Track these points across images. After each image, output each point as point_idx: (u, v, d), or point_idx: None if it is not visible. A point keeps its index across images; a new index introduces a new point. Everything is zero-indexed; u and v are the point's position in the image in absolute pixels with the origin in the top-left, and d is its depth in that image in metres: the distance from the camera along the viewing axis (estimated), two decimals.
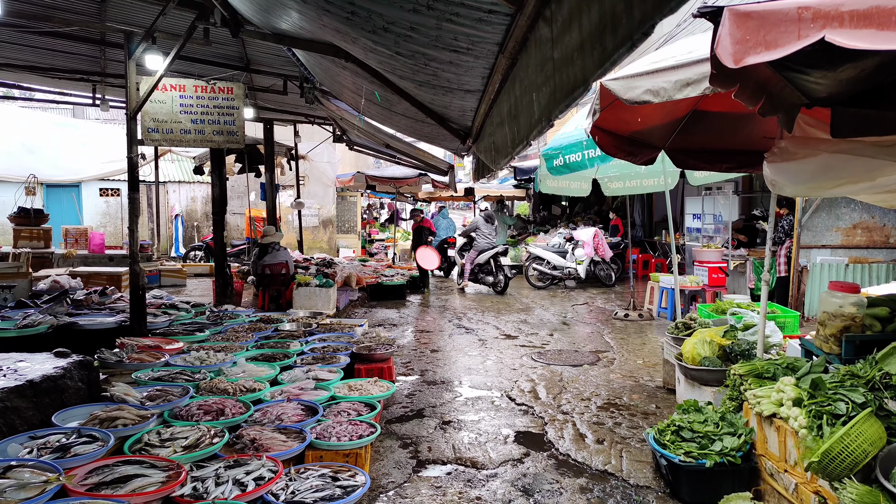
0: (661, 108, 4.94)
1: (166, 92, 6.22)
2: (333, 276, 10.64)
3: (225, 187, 9.09)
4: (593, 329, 9.07)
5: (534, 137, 2.67)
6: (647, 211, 16.73)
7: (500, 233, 17.19)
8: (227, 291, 9.13)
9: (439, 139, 8.35)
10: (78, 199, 14.36)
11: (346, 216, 19.44)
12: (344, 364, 5.74)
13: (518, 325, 9.39)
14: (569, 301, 12.05)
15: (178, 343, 5.78)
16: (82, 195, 14.94)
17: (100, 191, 15.28)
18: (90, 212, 15.23)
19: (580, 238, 14.08)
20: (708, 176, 7.16)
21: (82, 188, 14.90)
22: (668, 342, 5.46)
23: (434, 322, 9.78)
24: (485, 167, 7.58)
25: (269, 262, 9.25)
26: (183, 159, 15.32)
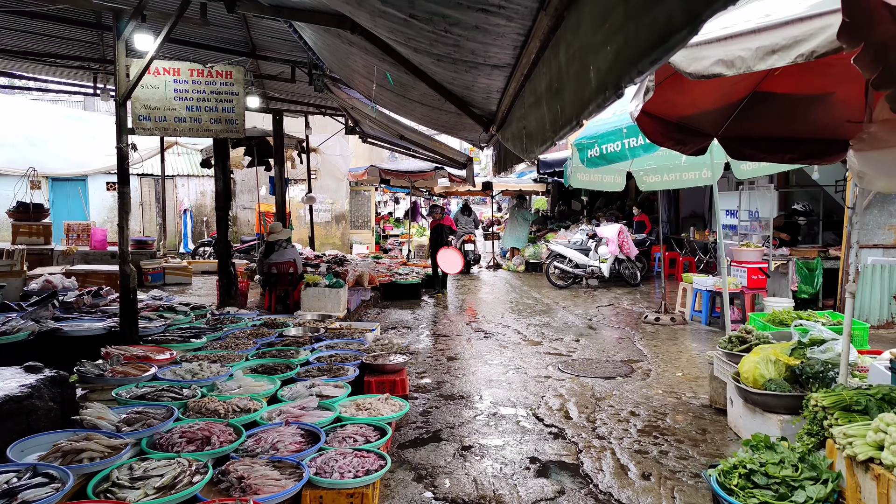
0: (716, 89, 4.28)
1: (159, 76, 5.66)
2: (345, 275, 10.08)
3: (229, 181, 8.56)
4: (622, 334, 8.41)
5: (589, 115, 2.05)
6: (673, 206, 15.97)
7: (520, 228, 16.55)
8: (232, 292, 8.61)
9: (458, 129, 7.73)
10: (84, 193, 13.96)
11: (360, 211, 18.90)
12: (352, 377, 5.17)
13: (541, 329, 8.76)
14: (593, 302, 11.39)
15: (170, 352, 5.24)
16: (89, 189, 14.51)
17: (107, 184, 14.83)
18: (97, 206, 14.80)
19: (604, 235, 13.40)
20: (756, 168, 6.46)
21: (89, 182, 14.48)
22: (719, 357, 4.81)
23: (451, 325, 9.19)
24: (509, 158, 6.96)
25: (275, 261, 8.71)
26: (191, 152, 14.86)
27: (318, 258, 12.96)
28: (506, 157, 7.49)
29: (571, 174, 6.70)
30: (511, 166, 7.27)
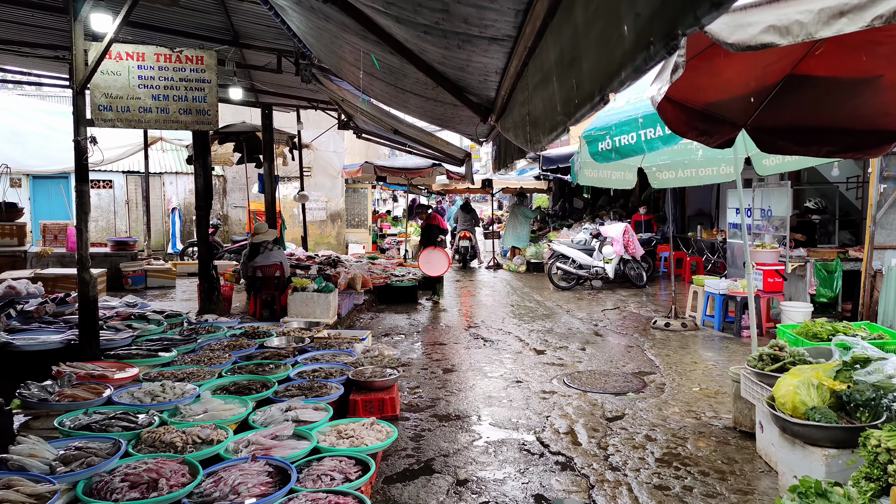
0: (747, 71, 3.74)
1: (121, 62, 5.11)
2: (336, 278, 9.54)
3: (210, 178, 8.02)
4: (630, 341, 7.88)
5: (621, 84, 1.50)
6: (679, 205, 15.42)
7: (522, 227, 16.01)
8: (214, 297, 8.07)
9: (455, 122, 7.19)
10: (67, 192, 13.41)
11: (356, 209, 18.36)
12: (335, 396, 4.65)
13: (544, 336, 8.23)
14: (597, 305, 10.85)
15: (133, 369, 4.71)
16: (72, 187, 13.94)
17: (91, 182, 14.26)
18: None
19: (608, 234, 12.86)
20: (781, 164, 5.92)
21: (72, 179, 13.92)
22: (747, 377, 4.27)
23: (448, 331, 8.65)
24: (509, 152, 6.42)
25: (260, 264, 8.17)
26: (178, 149, 14.31)
27: (310, 259, 12.42)
28: (506, 152, 6.95)
29: (579, 170, 6.15)
30: (512, 161, 6.74)
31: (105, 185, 14.55)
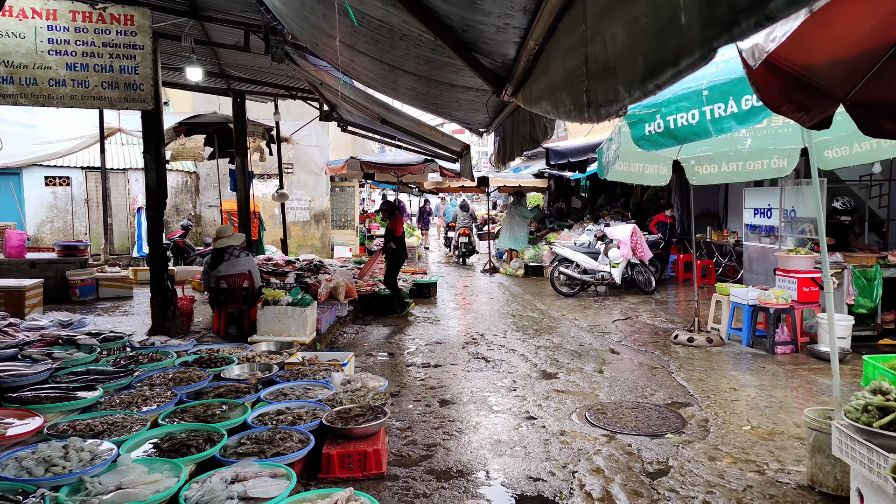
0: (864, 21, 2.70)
1: (26, 20, 3.98)
2: (316, 287, 8.45)
3: (163, 172, 6.91)
4: (652, 360, 6.86)
5: None
6: (685, 204, 14.44)
7: (519, 228, 14.99)
8: (169, 313, 6.95)
9: (452, 106, 6.13)
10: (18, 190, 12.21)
11: (343, 209, 17.25)
12: (302, 454, 3.59)
13: (552, 354, 7.19)
14: (606, 314, 9.84)
15: (37, 418, 3.61)
16: (24, 184, 12.73)
17: (45, 179, 13.00)
18: (34, 204, 12.97)
19: (615, 236, 11.86)
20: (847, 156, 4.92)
21: (24, 176, 12.70)
22: (844, 431, 3.24)
23: (443, 348, 7.59)
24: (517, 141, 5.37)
25: (224, 273, 7.07)
26: None
27: (289, 264, 11.33)
28: (512, 142, 5.90)
29: (609, 163, 5.05)
30: (520, 153, 5.69)
31: (62, 182, 13.31)
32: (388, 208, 10.20)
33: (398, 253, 9.83)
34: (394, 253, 9.78)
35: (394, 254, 9.79)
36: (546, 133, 4.66)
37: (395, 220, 9.88)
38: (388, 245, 9.77)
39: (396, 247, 9.74)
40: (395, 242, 9.72)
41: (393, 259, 9.85)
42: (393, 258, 9.85)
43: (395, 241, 9.73)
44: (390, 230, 9.88)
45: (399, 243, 9.81)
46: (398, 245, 9.78)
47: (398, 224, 9.87)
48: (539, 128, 4.76)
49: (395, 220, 9.90)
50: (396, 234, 9.78)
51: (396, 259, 9.87)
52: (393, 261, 9.87)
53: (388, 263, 9.95)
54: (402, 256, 9.98)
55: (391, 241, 9.74)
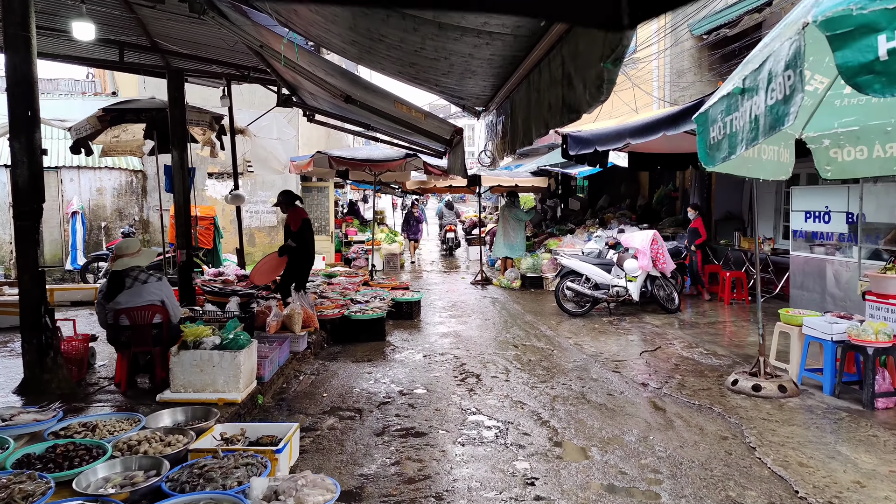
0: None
1: None
2: (264, 316, 6.54)
3: (38, 166, 4.95)
4: (716, 424, 5.02)
5: None
6: (705, 206, 12.67)
7: (515, 233, 13.13)
8: (48, 361, 4.97)
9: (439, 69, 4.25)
10: None
11: (316, 213, 15.29)
12: None
13: (575, 410, 5.34)
14: (627, 341, 8.02)
15: None
16: None
17: None
18: None
19: (632, 244, 10.04)
20: None
21: None
22: None
23: (428, 402, 5.69)
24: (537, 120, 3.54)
25: (126, 305, 5.13)
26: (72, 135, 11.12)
27: (245, 280, 9.39)
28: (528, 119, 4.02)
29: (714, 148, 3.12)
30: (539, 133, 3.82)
31: None
32: (285, 199, 8.32)
33: (300, 253, 8.11)
34: (294, 252, 8.06)
35: (294, 254, 8.08)
36: (597, 93, 2.79)
37: (293, 213, 8.24)
38: (288, 243, 8.12)
39: (296, 245, 8.06)
40: (295, 239, 8.09)
41: (294, 261, 8.12)
42: (294, 260, 8.11)
43: (294, 237, 8.11)
44: (287, 225, 8.28)
45: (300, 239, 8.09)
46: (298, 242, 8.07)
47: (296, 217, 8.20)
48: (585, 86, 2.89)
49: (293, 211, 8.24)
50: (292, 227, 8.14)
51: (298, 261, 8.16)
52: (294, 263, 8.14)
53: (288, 266, 8.19)
54: (306, 258, 8.26)
55: (289, 237, 8.18)
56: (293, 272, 8.20)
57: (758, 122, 2.30)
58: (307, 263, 8.39)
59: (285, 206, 8.32)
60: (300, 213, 8.27)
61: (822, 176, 4.26)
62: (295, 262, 8.13)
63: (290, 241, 8.04)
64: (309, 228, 8.30)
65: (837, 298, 8.02)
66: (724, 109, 2.95)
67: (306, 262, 8.35)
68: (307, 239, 8.20)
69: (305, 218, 8.27)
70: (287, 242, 8.11)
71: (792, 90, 2.03)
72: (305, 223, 8.21)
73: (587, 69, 2.79)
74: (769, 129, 2.19)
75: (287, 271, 8.18)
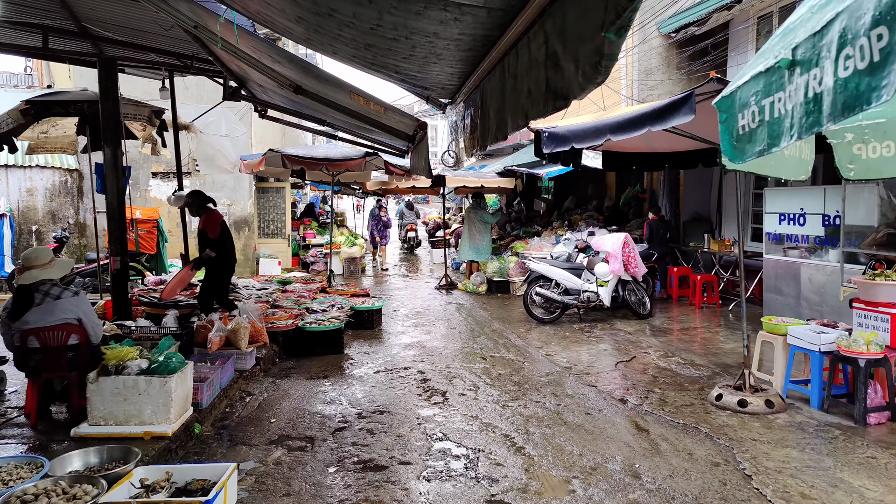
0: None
1: None
2: (205, 331, 5.87)
3: None
4: (704, 445, 4.59)
5: None
6: (673, 207, 12.44)
7: (481, 236, 12.65)
8: None
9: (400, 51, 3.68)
10: None
11: (272, 215, 14.53)
12: None
13: (551, 433, 4.85)
14: (600, 350, 7.61)
15: None
16: None
17: None
18: None
19: (602, 248, 9.66)
20: None
21: None
22: None
23: (388, 426, 5.12)
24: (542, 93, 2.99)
25: (35, 325, 4.41)
26: None
27: (188, 290, 8.65)
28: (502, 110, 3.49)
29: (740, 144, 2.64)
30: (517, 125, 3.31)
31: None
32: (196, 200, 7.27)
33: (220, 263, 7.20)
34: (214, 263, 7.14)
35: (214, 264, 7.16)
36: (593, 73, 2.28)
37: (208, 217, 7.22)
38: (205, 254, 7.09)
39: (217, 254, 7.10)
40: (215, 248, 7.10)
41: (214, 272, 7.24)
42: (214, 271, 7.23)
43: (213, 245, 7.10)
44: (202, 231, 7.20)
45: (220, 248, 7.13)
46: (218, 250, 7.12)
47: (212, 222, 7.18)
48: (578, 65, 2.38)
49: (208, 215, 7.23)
50: (210, 234, 7.11)
51: (219, 272, 7.28)
52: (214, 275, 7.26)
53: (207, 277, 7.33)
54: (228, 268, 7.39)
55: (207, 245, 7.14)
56: (214, 285, 7.29)
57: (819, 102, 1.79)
58: (228, 274, 7.51)
59: (197, 209, 7.26)
60: (216, 216, 7.29)
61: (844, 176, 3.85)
62: (216, 273, 7.20)
63: (209, 251, 7.07)
64: (229, 234, 7.43)
65: (814, 303, 7.77)
66: (762, 90, 2.30)
67: (227, 273, 7.46)
68: (228, 248, 7.30)
69: (223, 221, 7.37)
70: (205, 253, 7.08)
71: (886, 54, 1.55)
72: (224, 228, 7.31)
73: (580, 45, 2.28)
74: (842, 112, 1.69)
75: (206, 285, 7.27)
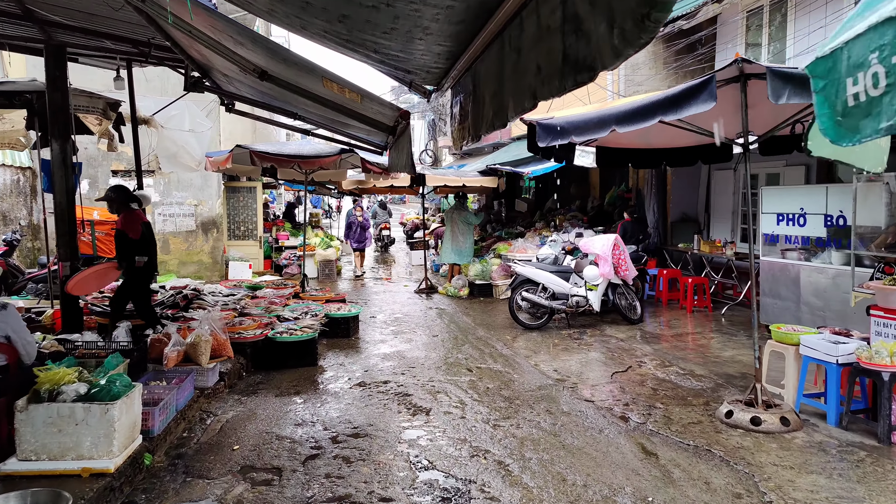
0: None
1: None
2: (159, 346, 5.26)
3: None
4: (721, 471, 4.13)
5: None
6: (660, 207, 12.06)
7: (464, 238, 12.13)
8: None
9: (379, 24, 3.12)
10: None
11: (242, 215, 13.83)
12: None
13: (549, 455, 4.34)
14: (592, 359, 7.14)
15: None
16: None
17: None
18: None
19: (591, 250, 9.22)
20: None
21: None
22: None
23: (367, 454, 4.56)
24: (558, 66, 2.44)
25: None
26: None
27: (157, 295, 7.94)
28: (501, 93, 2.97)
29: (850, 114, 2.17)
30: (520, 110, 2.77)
31: None
32: (118, 196, 6.33)
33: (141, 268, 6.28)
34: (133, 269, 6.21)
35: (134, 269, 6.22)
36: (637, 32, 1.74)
37: (128, 216, 6.26)
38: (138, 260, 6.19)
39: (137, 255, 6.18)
40: (140, 251, 6.21)
41: (137, 278, 6.33)
42: (132, 275, 6.28)
43: (134, 247, 6.18)
44: (122, 232, 6.18)
45: (143, 252, 6.23)
46: (140, 251, 6.20)
47: (133, 222, 6.23)
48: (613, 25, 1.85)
49: (128, 215, 6.27)
50: (131, 234, 6.17)
51: (142, 277, 6.39)
52: (136, 280, 6.35)
53: (124, 283, 6.40)
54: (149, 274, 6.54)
55: (126, 248, 6.19)
56: (130, 292, 6.42)
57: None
58: (148, 281, 6.69)
59: (117, 206, 6.31)
60: (138, 216, 6.42)
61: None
62: (135, 279, 6.33)
63: (139, 258, 6.15)
64: (152, 237, 6.62)
65: (815, 308, 7.40)
66: (891, 42, 1.60)
67: (147, 280, 6.64)
68: (151, 252, 6.43)
69: (147, 223, 6.58)
70: (137, 261, 6.18)
71: None
72: (147, 230, 6.49)
73: None
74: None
75: (122, 291, 6.40)
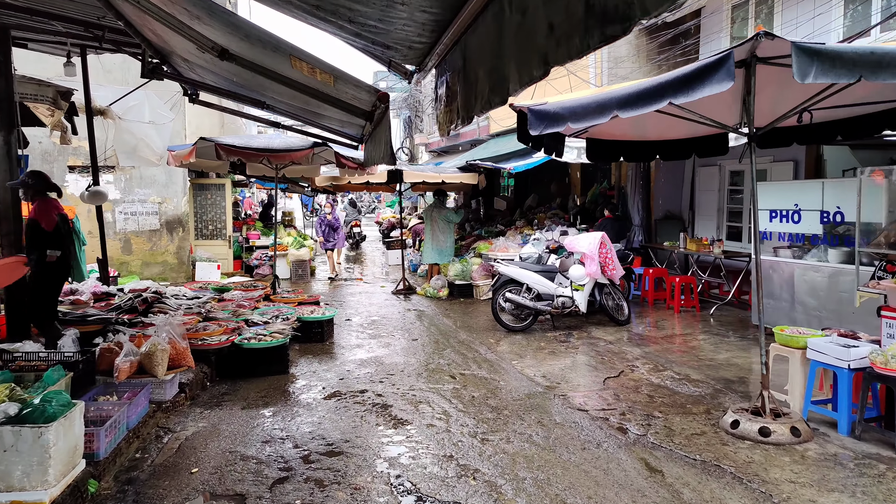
0: None
1: None
2: (110, 357, 4.72)
3: None
4: (733, 488, 3.76)
5: None
6: (644, 205, 11.77)
7: (445, 237, 11.69)
8: None
9: None
10: None
11: (210, 213, 13.18)
12: None
13: (545, 474, 3.93)
14: (582, 363, 6.76)
15: None
16: None
17: None
18: None
19: (577, 249, 8.85)
20: None
21: None
22: None
23: (343, 475, 4.10)
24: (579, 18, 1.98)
25: None
26: None
27: (104, 300, 7.40)
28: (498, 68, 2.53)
29: None
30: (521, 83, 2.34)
31: None
32: (35, 182, 5.68)
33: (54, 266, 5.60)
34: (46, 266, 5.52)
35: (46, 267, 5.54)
36: None
37: (43, 205, 5.63)
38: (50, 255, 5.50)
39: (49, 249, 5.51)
40: (53, 244, 5.56)
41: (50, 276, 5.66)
42: (50, 275, 5.64)
43: (48, 239, 5.54)
44: (34, 221, 5.54)
45: (56, 246, 5.58)
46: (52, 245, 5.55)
47: (48, 212, 5.60)
48: None
49: (43, 203, 5.65)
50: (44, 225, 5.55)
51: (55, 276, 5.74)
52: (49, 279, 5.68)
53: (36, 285, 5.58)
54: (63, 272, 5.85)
55: (38, 239, 5.52)
56: (48, 292, 5.72)
57: None
58: (61, 283, 6.00)
59: (32, 193, 5.66)
60: (54, 205, 5.76)
61: None
62: (47, 279, 5.64)
63: (52, 252, 5.50)
64: (69, 232, 5.93)
65: (810, 308, 7.13)
66: None
67: (60, 282, 5.95)
68: (65, 248, 5.73)
69: (62, 213, 5.85)
70: (48, 255, 5.48)
71: None
72: (63, 221, 5.80)
73: None
74: None
75: (38, 291, 5.61)
